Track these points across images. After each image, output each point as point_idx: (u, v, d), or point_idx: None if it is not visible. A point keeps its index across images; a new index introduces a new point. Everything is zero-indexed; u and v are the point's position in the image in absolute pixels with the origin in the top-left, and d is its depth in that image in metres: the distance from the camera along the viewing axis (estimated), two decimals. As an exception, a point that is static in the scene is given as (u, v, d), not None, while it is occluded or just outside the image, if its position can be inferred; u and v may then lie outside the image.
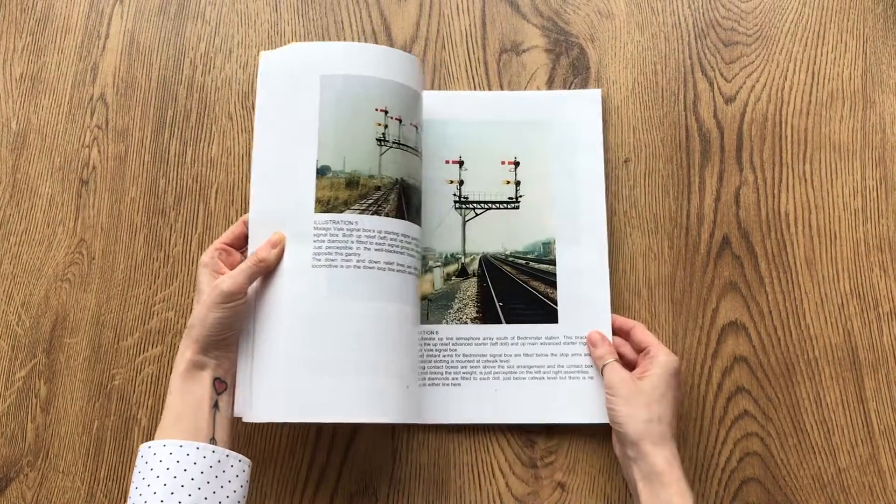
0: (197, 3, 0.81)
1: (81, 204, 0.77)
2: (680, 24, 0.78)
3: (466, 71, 0.78)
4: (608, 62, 0.77)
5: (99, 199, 0.77)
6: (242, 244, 0.68)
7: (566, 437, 0.71)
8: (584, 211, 0.73)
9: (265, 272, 0.65)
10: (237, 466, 0.61)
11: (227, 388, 0.65)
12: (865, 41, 0.76)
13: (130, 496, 0.58)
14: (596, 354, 0.69)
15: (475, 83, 0.78)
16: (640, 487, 0.62)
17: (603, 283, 0.72)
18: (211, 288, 0.63)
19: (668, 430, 0.62)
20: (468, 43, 0.79)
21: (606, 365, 0.67)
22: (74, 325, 0.75)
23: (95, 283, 0.76)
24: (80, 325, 0.75)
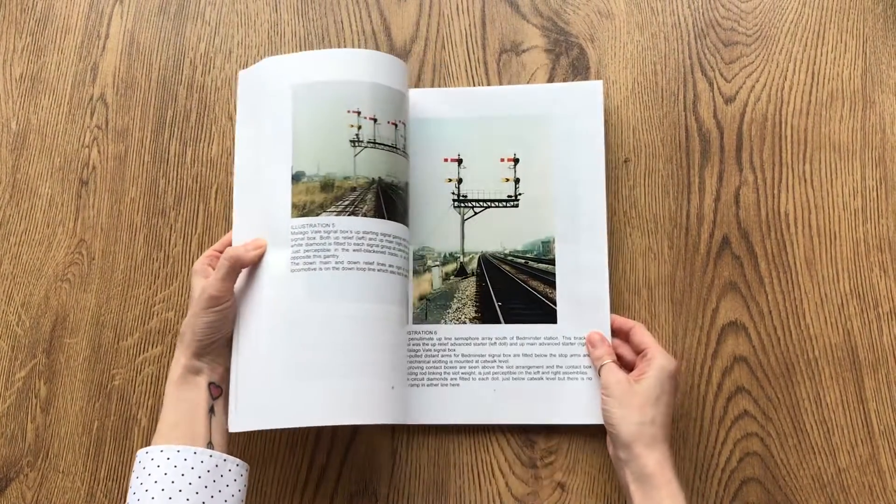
0: (197, 3, 0.81)
1: (81, 204, 0.77)
2: (680, 24, 0.78)
3: (466, 71, 0.78)
4: (608, 62, 0.77)
5: (99, 199, 0.77)
6: None
7: (566, 437, 0.71)
8: (584, 209, 0.72)
9: (241, 268, 0.65)
10: (235, 471, 0.61)
11: (222, 392, 0.65)
12: (865, 41, 0.76)
13: (128, 503, 0.58)
14: (594, 355, 0.69)
15: (475, 83, 0.78)
16: (632, 489, 0.62)
17: (602, 282, 0.71)
18: (199, 293, 0.64)
19: (660, 432, 0.62)
20: (468, 43, 0.79)
21: (604, 366, 0.67)
22: (74, 325, 0.75)
23: (95, 283, 0.76)
24: (80, 325, 0.75)
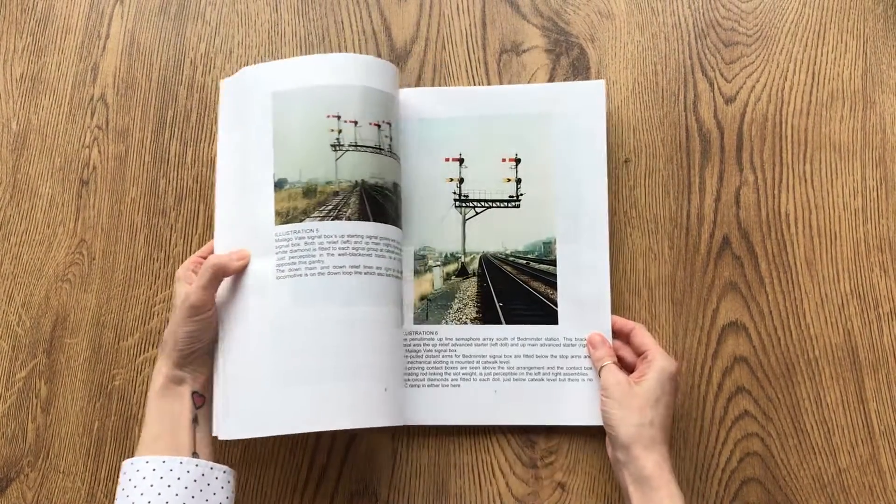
0: (197, 3, 0.81)
1: (82, 204, 0.77)
2: (680, 24, 0.77)
3: (467, 71, 0.78)
4: (608, 62, 0.77)
5: (99, 199, 0.77)
6: None
7: (566, 437, 0.71)
8: (585, 209, 0.72)
9: (223, 276, 0.65)
10: (222, 478, 0.61)
11: (205, 401, 0.65)
12: (866, 41, 0.76)
13: None
14: (595, 356, 0.69)
15: (475, 83, 0.78)
16: (630, 491, 0.62)
17: (604, 283, 0.71)
18: (181, 301, 0.63)
19: (659, 434, 0.62)
20: (468, 43, 0.79)
21: (604, 367, 0.67)
22: (75, 325, 0.75)
23: (96, 283, 0.76)
24: (80, 325, 0.75)
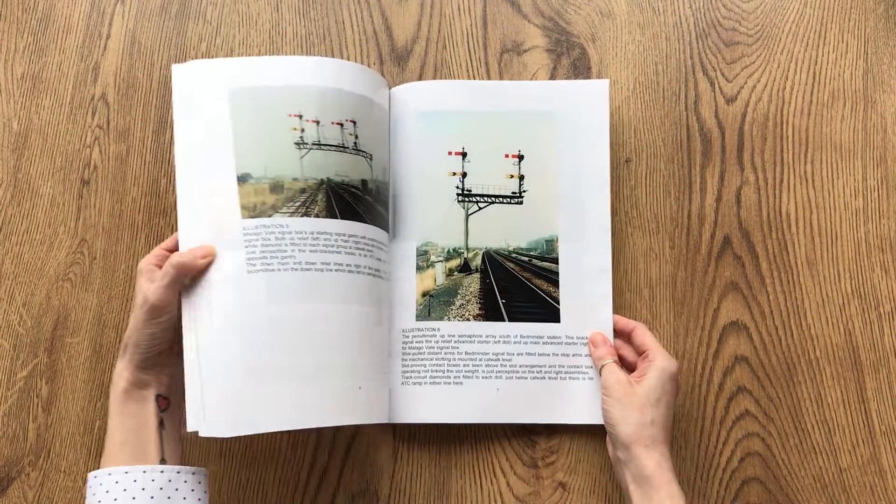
0: (198, 3, 0.81)
1: (83, 204, 0.77)
2: (681, 23, 0.78)
3: (468, 71, 0.78)
4: (609, 62, 0.77)
5: (100, 198, 0.77)
6: None
7: (567, 436, 0.71)
8: (588, 208, 0.72)
9: (187, 275, 0.63)
10: (191, 480, 0.59)
11: (169, 404, 0.63)
12: (867, 41, 0.76)
13: None
14: (596, 355, 0.69)
15: (476, 83, 0.78)
16: (631, 490, 0.62)
17: (606, 283, 0.71)
18: (141, 302, 0.62)
19: (660, 433, 0.62)
20: (469, 43, 0.79)
21: (604, 366, 0.67)
22: (76, 324, 0.75)
23: (97, 282, 0.76)
24: (81, 324, 0.75)
